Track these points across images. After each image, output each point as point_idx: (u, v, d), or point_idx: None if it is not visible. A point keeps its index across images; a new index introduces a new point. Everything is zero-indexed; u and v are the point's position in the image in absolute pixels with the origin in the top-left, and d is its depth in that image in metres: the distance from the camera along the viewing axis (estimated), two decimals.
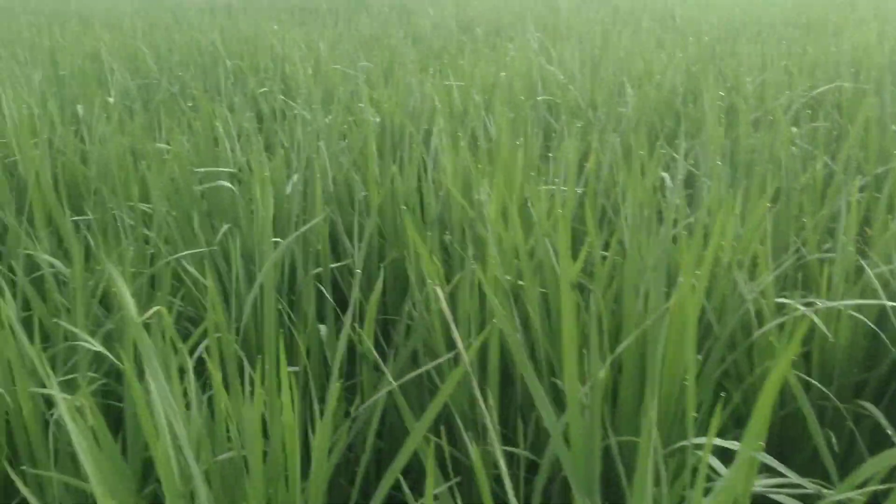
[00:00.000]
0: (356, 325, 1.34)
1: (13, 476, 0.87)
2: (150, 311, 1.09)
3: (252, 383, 1.21)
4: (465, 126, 2.00)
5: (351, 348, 1.59)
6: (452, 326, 0.82)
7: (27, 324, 1.39)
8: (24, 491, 0.83)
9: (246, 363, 1.07)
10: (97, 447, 0.87)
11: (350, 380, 1.48)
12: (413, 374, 0.98)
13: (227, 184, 1.48)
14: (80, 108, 2.54)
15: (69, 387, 1.27)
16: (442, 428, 1.08)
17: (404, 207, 1.39)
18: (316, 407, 0.94)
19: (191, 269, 1.32)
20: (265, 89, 2.97)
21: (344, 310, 1.66)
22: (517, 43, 3.84)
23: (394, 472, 0.96)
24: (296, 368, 1.32)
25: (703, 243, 1.32)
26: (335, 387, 0.93)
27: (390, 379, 0.98)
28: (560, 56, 3.32)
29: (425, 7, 6.36)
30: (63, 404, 1.02)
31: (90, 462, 0.83)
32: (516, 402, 1.24)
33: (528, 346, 1.24)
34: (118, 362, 1.15)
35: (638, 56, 3.47)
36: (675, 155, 1.94)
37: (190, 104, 2.97)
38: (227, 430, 1.04)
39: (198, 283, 1.39)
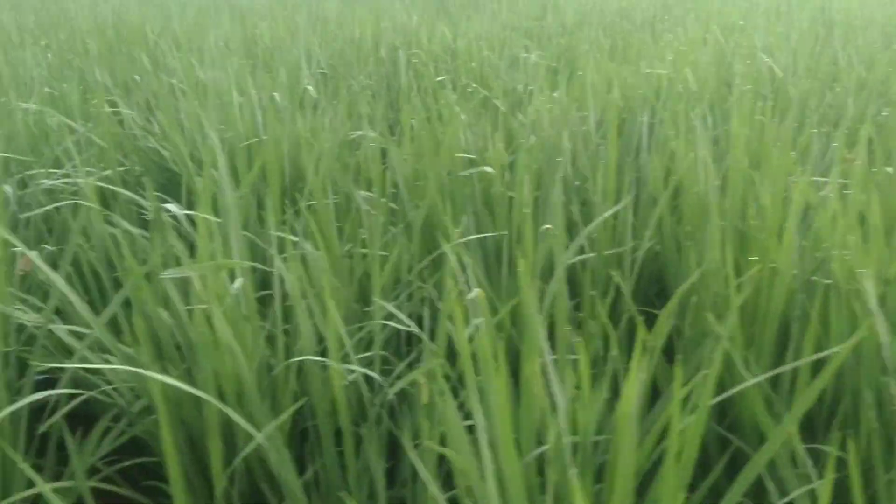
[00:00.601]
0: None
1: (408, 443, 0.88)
2: (472, 293, 1.09)
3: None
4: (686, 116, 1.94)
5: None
6: (880, 322, 0.78)
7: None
8: (413, 457, 0.84)
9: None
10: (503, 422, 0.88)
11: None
12: (777, 370, 0.95)
13: (490, 169, 1.48)
14: (276, 96, 2.62)
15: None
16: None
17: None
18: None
19: (452, 256, 1.32)
20: (443, 77, 2.99)
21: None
22: (683, 32, 3.74)
23: (754, 468, 0.93)
24: (574, 357, 1.31)
25: None
26: (707, 377, 0.90)
27: (745, 375, 0.95)
28: (739, 48, 3.21)
29: None
30: (423, 387, 1.04)
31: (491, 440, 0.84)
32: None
33: None
34: (429, 342, 1.16)
35: (809, 50, 3.32)
36: None
37: (370, 93, 3.01)
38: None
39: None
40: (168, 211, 1.36)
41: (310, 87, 2.51)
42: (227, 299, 1.17)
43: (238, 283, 1.21)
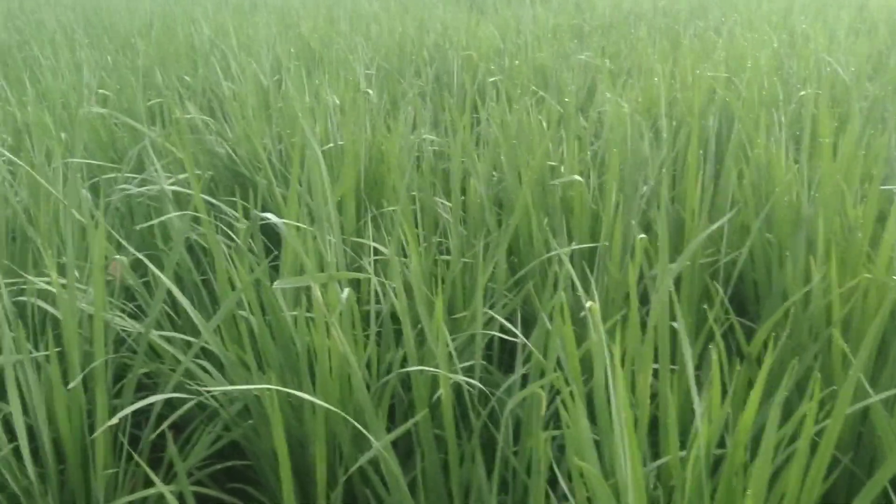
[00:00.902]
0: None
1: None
2: (588, 304, 1.11)
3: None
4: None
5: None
6: None
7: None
8: (575, 460, 0.86)
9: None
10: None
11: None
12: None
13: (579, 178, 1.49)
14: (335, 99, 2.64)
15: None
16: None
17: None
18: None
19: (568, 265, 1.34)
20: (495, 78, 3.00)
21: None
22: (727, 32, 3.73)
23: (877, 484, 0.94)
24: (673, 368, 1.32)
25: None
26: (841, 396, 0.91)
27: (869, 389, 0.96)
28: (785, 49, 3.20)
29: None
30: (541, 398, 1.06)
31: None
32: None
33: None
34: (539, 355, 1.18)
35: (862, 50, 3.30)
36: None
37: (425, 96, 3.03)
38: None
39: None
40: (266, 219, 1.38)
41: (370, 91, 2.53)
42: (339, 309, 1.19)
43: (345, 293, 1.24)
